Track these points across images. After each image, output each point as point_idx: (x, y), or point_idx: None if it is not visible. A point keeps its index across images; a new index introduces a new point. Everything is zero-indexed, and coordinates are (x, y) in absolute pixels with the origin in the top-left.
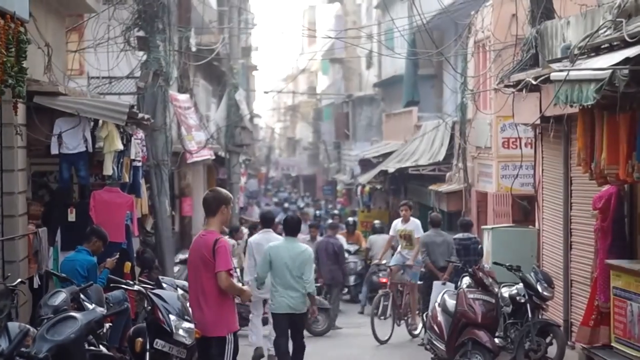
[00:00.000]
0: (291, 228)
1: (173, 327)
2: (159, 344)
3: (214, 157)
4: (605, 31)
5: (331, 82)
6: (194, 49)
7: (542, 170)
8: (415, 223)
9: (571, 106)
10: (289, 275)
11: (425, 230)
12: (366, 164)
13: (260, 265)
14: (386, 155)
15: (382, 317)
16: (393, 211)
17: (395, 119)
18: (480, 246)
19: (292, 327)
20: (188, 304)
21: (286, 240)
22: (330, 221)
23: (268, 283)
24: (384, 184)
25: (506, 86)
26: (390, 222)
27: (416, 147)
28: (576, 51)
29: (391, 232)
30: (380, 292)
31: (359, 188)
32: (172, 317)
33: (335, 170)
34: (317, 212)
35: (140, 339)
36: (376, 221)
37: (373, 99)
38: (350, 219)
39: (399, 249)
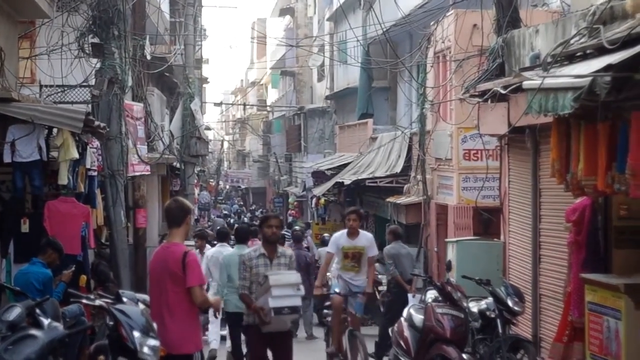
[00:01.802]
0: (240, 236)
1: (137, 345)
2: None
3: (148, 173)
4: (579, 39)
5: (281, 94)
6: (149, 57)
7: (509, 182)
8: (367, 238)
9: (545, 115)
10: None
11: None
12: (320, 176)
13: (219, 274)
14: (341, 167)
15: None
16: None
17: (350, 131)
18: (448, 260)
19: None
20: None
21: (237, 248)
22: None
23: None
24: (338, 196)
25: (471, 96)
26: None
27: (372, 159)
28: (549, 59)
29: (331, 249)
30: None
31: (314, 200)
32: (136, 333)
33: (286, 182)
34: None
35: (102, 357)
36: (325, 234)
37: (325, 111)
38: (298, 227)
39: (336, 269)
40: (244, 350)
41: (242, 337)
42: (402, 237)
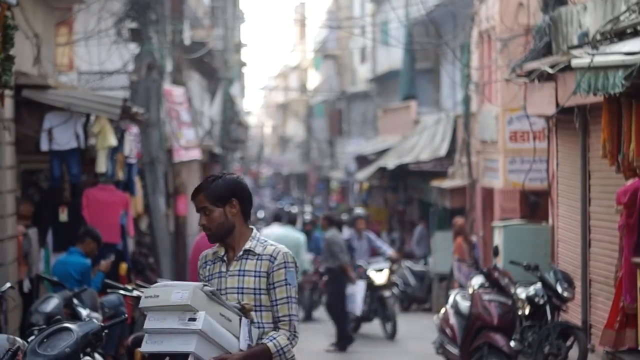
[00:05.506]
0: (289, 219)
1: None
2: None
3: (200, 158)
4: (629, 15)
5: (324, 78)
6: (187, 42)
7: (557, 163)
8: None
9: (595, 95)
10: None
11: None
12: (362, 161)
13: None
14: (383, 151)
15: None
16: (391, 208)
17: (393, 114)
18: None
19: None
20: None
21: (285, 229)
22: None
23: None
24: (381, 180)
25: (518, 76)
26: (390, 220)
27: (415, 142)
28: (598, 36)
29: None
30: None
31: (356, 185)
32: None
33: (328, 167)
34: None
35: (139, 349)
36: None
37: (367, 95)
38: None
39: None
40: None
41: None
42: (339, 225)
